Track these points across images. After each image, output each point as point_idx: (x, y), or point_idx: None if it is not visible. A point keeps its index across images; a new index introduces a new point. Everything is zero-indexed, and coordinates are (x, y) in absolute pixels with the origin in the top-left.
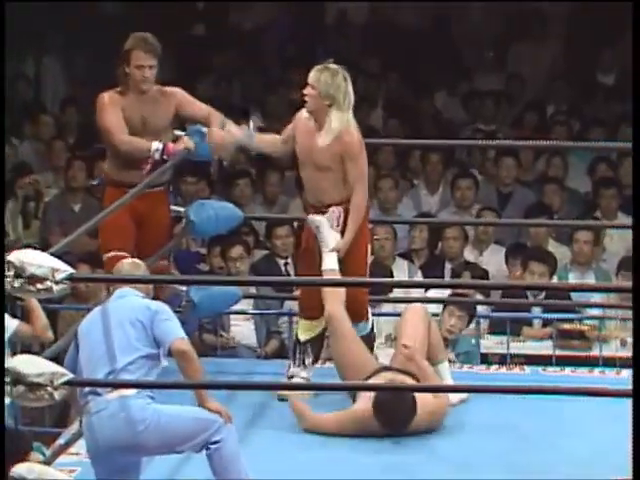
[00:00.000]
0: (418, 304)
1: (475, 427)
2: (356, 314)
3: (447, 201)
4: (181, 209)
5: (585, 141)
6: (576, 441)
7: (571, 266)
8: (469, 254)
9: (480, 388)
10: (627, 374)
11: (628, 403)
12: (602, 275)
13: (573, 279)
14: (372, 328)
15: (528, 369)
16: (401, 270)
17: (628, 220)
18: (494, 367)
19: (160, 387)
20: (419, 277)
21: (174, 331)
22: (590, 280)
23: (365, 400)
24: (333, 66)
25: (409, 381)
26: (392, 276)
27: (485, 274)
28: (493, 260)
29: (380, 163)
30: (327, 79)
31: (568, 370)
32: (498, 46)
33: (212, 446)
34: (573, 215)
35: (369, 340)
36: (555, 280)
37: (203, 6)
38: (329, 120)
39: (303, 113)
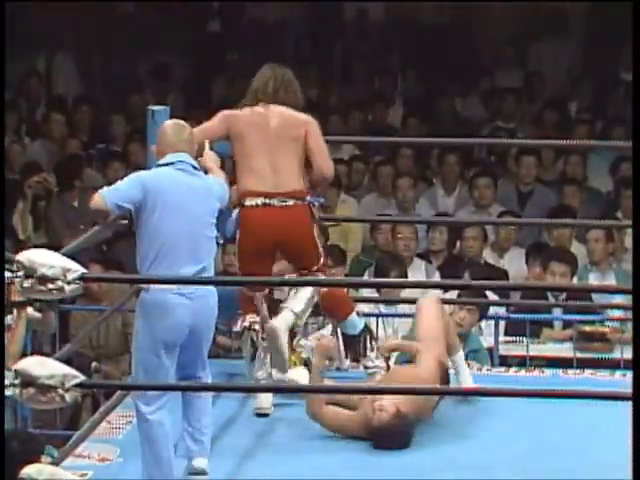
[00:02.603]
0: (431, 295)
1: (494, 430)
2: (340, 310)
3: (464, 201)
4: None
5: (607, 139)
6: (597, 445)
7: (591, 266)
8: (489, 257)
9: (497, 392)
10: None
11: None
12: (623, 275)
13: (593, 279)
14: (365, 327)
15: (548, 371)
16: (419, 270)
17: None
18: (513, 369)
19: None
20: (437, 277)
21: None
22: (611, 281)
23: (367, 405)
24: None
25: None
26: (406, 270)
27: (504, 275)
28: (514, 262)
29: (398, 162)
30: None
31: (588, 373)
32: (518, 43)
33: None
34: (594, 215)
35: (361, 339)
36: (575, 280)
37: (218, 4)
38: None
39: None
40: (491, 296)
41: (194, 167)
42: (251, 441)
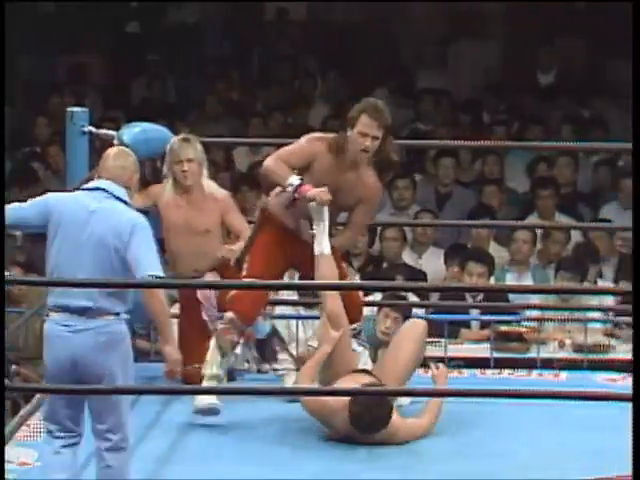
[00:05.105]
0: (421, 321)
1: None
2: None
3: (382, 202)
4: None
5: (524, 140)
6: (516, 445)
7: (509, 267)
8: (408, 257)
9: (428, 392)
10: (565, 376)
11: (567, 406)
12: (540, 276)
13: (511, 280)
14: (272, 330)
15: (466, 372)
16: None
17: (566, 220)
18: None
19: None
20: (357, 279)
21: (145, 263)
22: (528, 281)
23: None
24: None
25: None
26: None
27: (423, 276)
28: (432, 262)
29: None
30: (199, 147)
31: (506, 372)
32: (438, 45)
33: (108, 456)
34: (512, 215)
35: (269, 343)
36: (492, 281)
37: (137, 5)
38: (204, 184)
39: (166, 189)
40: (410, 297)
41: (115, 195)
42: (171, 446)
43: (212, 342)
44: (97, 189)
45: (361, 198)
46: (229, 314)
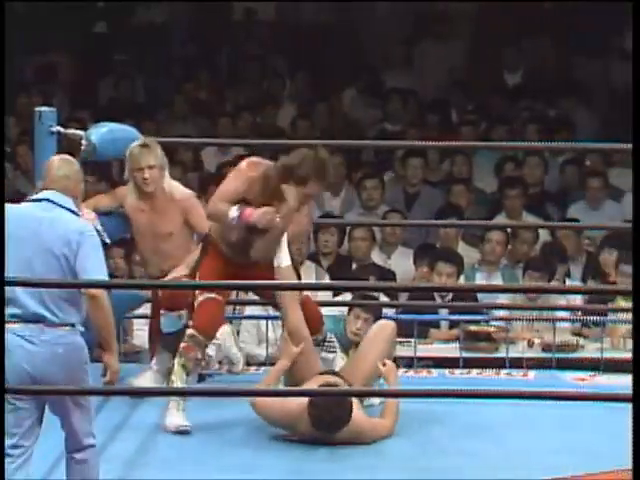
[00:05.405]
0: (390, 322)
1: None
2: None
3: (351, 203)
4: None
5: (491, 140)
6: (484, 445)
7: (479, 267)
8: (377, 258)
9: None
10: (534, 375)
11: (534, 405)
12: (509, 275)
13: (480, 279)
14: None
15: (435, 372)
16: (308, 273)
17: (533, 219)
18: (402, 370)
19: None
20: (327, 279)
21: (92, 272)
22: (497, 281)
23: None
24: (149, 139)
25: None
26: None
27: (392, 275)
28: (401, 263)
29: None
30: (159, 152)
31: (475, 372)
32: (404, 44)
33: (78, 455)
34: (480, 215)
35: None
36: (462, 280)
37: (104, 5)
38: (166, 187)
39: (128, 193)
40: (380, 297)
41: (62, 205)
42: (138, 448)
43: (176, 361)
44: (44, 200)
45: None
46: (190, 331)
